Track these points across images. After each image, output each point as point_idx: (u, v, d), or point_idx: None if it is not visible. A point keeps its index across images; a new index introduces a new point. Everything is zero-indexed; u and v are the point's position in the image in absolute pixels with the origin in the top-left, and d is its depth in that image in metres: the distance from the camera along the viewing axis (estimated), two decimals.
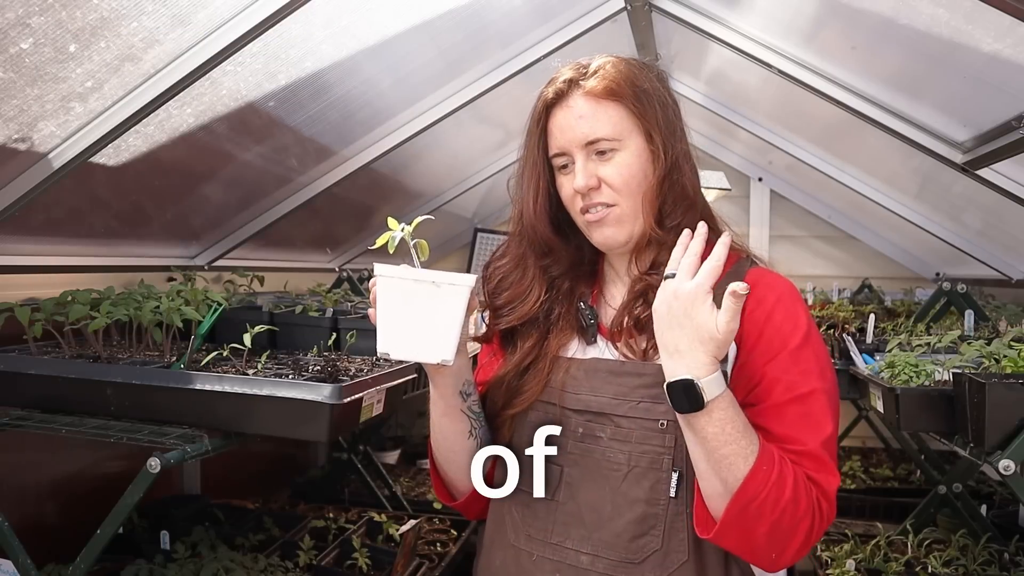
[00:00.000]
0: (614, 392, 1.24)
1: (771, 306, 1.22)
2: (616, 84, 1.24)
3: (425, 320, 1.13)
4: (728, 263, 1.30)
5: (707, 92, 3.36)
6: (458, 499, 1.41)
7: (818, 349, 1.22)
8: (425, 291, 1.12)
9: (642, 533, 1.20)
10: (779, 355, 1.19)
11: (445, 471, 1.39)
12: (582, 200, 1.27)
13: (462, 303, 1.13)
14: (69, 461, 2.33)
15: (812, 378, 1.18)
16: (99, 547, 1.52)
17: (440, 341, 1.13)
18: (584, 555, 1.23)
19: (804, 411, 1.16)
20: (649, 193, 1.25)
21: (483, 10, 2.22)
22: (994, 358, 1.73)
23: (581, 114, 1.24)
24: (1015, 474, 1.44)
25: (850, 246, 4.28)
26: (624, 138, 1.25)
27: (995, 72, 1.75)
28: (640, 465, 1.21)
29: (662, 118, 1.27)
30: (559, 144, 1.27)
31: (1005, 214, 2.62)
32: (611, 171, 1.25)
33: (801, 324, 1.22)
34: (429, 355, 1.14)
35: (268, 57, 1.89)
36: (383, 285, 1.13)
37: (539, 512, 1.28)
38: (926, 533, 2.56)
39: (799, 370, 1.18)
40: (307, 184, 2.68)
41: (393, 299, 1.13)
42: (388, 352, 1.14)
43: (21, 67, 1.49)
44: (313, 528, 2.77)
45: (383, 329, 1.14)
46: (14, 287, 1.95)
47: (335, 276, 3.44)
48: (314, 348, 2.06)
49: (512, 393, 1.32)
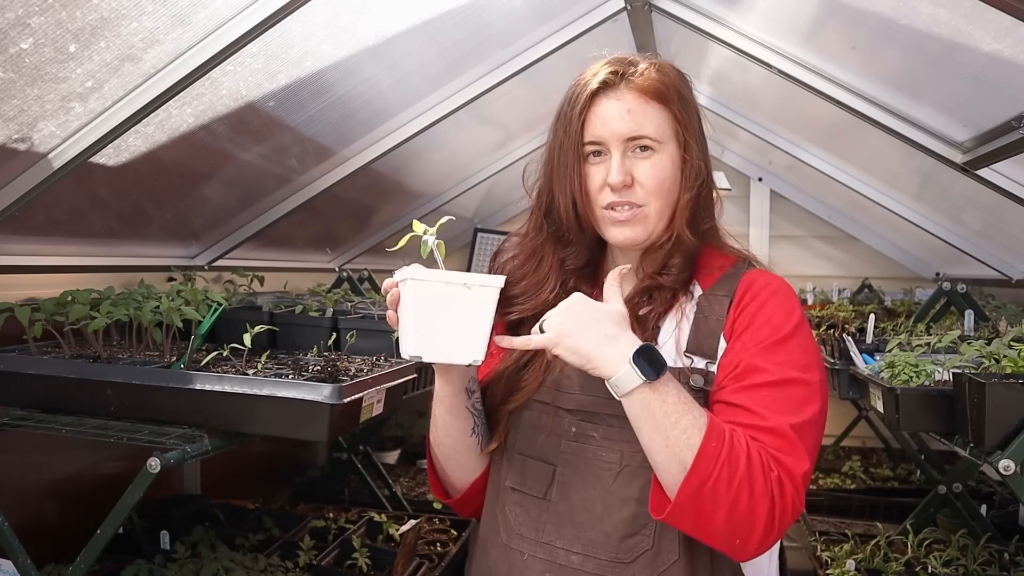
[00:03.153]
0: (606, 392, 1.24)
1: (764, 300, 1.23)
2: (665, 87, 1.25)
3: (457, 322, 1.13)
4: (725, 265, 1.31)
5: (707, 92, 3.37)
6: (453, 496, 1.41)
7: (806, 345, 1.22)
8: (455, 293, 1.12)
9: (633, 532, 1.20)
10: (764, 343, 1.19)
11: (444, 468, 1.39)
12: (611, 194, 1.26)
13: (492, 303, 1.14)
14: (69, 461, 2.33)
15: (792, 369, 1.17)
16: (99, 547, 1.52)
17: (472, 342, 1.14)
18: (575, 555, 1.23)
19: (778, 395, 1.15)
20: (676, 199, 1.27)
21: (483, 10, 2.22)
22: (994, 358, 1.73)
23: (630, 108, 1.24)
24: (1015, 474, 1.44)
25: (850, 246, 4.28)
26: (664, 141, 1.25)
27: (995, 72, 1.75)
28: (632, 464, 1.21)
29: (698, 129, 1.29)
30: (598, 133, 1.26)
31: (1005, 214, 2.62)
32: (646, 172, 1.25)
33: (792, 319, 1.22)
34: (462, 356, 1.15)
35: (268, 57, 1.89)
36: (412, 288, 1.12)
37: (531, 511, 1.28)
38: (926, 533, 2.56)
39: (781, 359, 1.18)
40: (307, 184, 2.68)
41: (423, 302, 1.12)
42: (420, 355, 1.14)
43: (21, 67, 1.49)
44: (313, 528, 2.77)
45: (414, 332, 1.13)
46: (14, 287, 1.95)
47: (335, 276, 3.44)
48: (314, 348, 2.06)
49: (511, 388, 1.33)
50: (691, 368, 1.22)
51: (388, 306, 1.20)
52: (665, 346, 1.25)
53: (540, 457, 1.28)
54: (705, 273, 1.31)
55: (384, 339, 2.10)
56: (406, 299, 1.13)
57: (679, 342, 1.25)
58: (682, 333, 1.26)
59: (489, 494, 1.38)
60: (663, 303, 1.28)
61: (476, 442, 1.33)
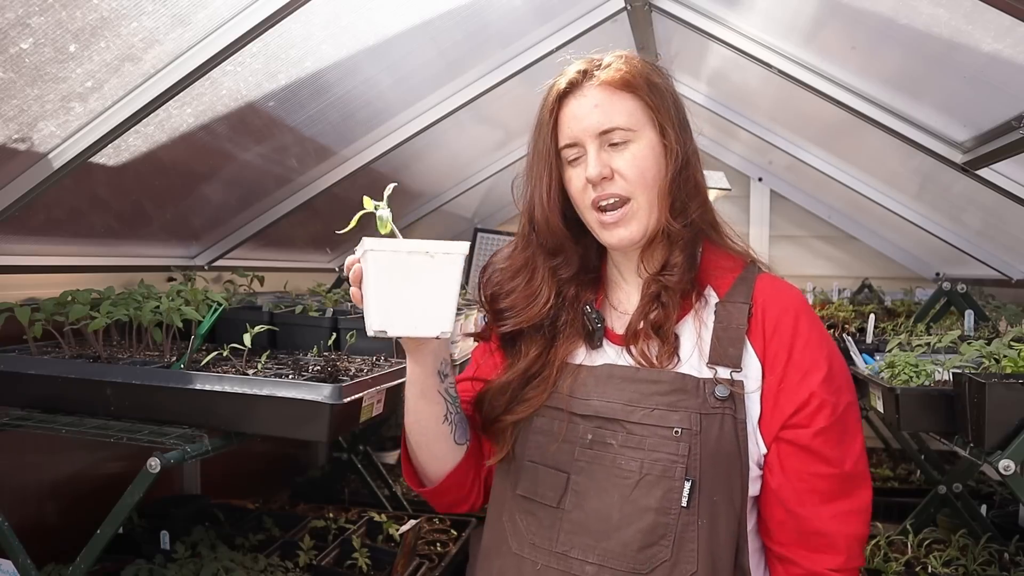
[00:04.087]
0: (628, 398, 1.22)
1: (793, 332, 1.24)
2: (631, 76, 1.23)
3: (421, 293, 1.08)
4: (736, 268, 1.29)
5: (707, 92, 3.37)
6: (427, 486, 1.36)
7: (840, 370, 1.27)
8: (418, 262, 1.08)
9: (651, 543, 1.17)
10: (815, 373, 1.23)
11: (416, 456, 1.34)
12: (593, 191, 1.24)
13: (457, 272, 1.10)
14: (69, 461, 2.33)
15: (845, 393, 1.24)
16: (99, 547, 1.52)
17: (438, 313, 1.10)
18: (590, 565, 1.20)
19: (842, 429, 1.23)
20: (663, 187, 1.24)
21: (483, 10, 2.22)
22: (994, 358, 1.73)
23: (596, 103, 1.23)
24: (1015, 474, 1.44)
25: (850, 246, 4.28)
26: (638, 130, 1.23)
27: (995, 72, 1.75)
28: (652, 473, 1.18)
29: (675, 113, 1.26)
30: (571, 134, 1.25)
31: (1005, 214, 2.62)
32: (625, 162, 1.23)
33: (824, 343, 1.27)
34: (428, 328, 1.10)
35: (268, 57, 1.89)
36: (373, 260, 1.08)
37: (544, 520, 1.25)
38: (926, 533, 2.56)
39: (835, 387, 1.23)
40: (307, 184, 2.69)
41: (385, 273, 1.08)
42: (385, 330, 1.09)
43: (21, 67, 1.49)
44: (313, 528, 2.77)
45: (377, 306, 1.09)
46: (14, 287, 1.95)
47: (335, 276, 3.44)
48: (314, 348, 2.06)
49: (515, 400, 1.29)
50: (716, 378, 1.20)
51: (351, 284, 1.16)
52: (690, 359, 1.23)
53: (553, 465, 1.25)
54: (717, 276, 1.29)
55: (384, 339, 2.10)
56: (368, 272, 1.10)
57: (703, 352, 1.23)
58: (703, 343, 1.24)
59: (494, 501, 1.36)
60: (674, 307, 1.25)
61: (449, 430, 1.29)
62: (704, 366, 1.22)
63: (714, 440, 1.18)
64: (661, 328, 1.24)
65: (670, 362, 1.22)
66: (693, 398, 1.19)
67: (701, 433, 1.18)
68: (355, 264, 1.15)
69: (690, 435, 1.17)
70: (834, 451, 1.20)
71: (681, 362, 1.23)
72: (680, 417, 1.17)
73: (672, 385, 1.19)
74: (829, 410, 1.20)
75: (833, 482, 1.20)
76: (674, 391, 1.19)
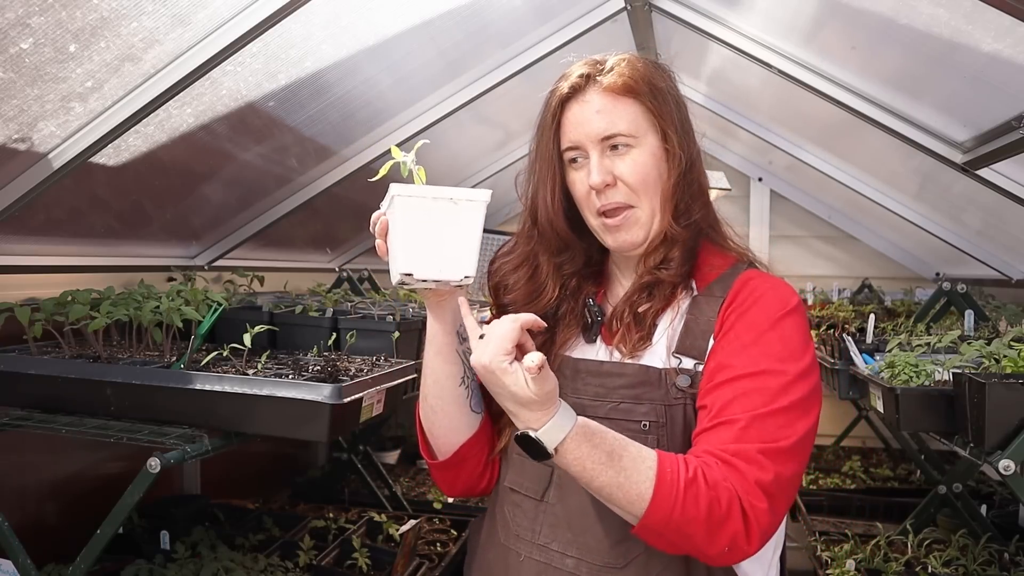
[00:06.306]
0: (594, 392, 1.22)
1: (751, 303, 1.20)
2: (634, 81, 1.23)
3: (445, 238, 1.11)
4: (724, 265, 1.30)
5: (707, 92, 3.37)
6: (438, 459, 1.35)
7: (787, 336, 1.17)
8: (442, 208, 1.11)
9: (625, 538, 1.17)
10: (739, 343, 1.17)
11: (433, 424, 1.33)
12: (597, 199, 1.25)
13: (479, 219, 1.13)
14: (69, 461, 2.33)
15: (766, 360, 1.14)
16: (99, 547, 1.52)
17: (462, 258, 1.12)
18: (569, 558, 1.22)
19: (742, 389, 1.12)
20: (667, 191, 1.25)
21: (483, 10, 2.22)
22: (994, 358, 1.73)
23: (598, 109, 1.23)
24: (1015, 474, 1.44)
25: (850, 246, 4.29)
26: (640, 135, 1.23)
27: (995, 72, 1.75)
28: None
29: (677, 117, 1.26)
30: (573, 139, 1.26)
31: (1005, 214, 2.62)
32: (627, 168, 1.23)
33: (771, 315, 1.18)
34: (452, 272, 1.12)
35: (268, 57, 1.89)
36: (400, 205, 1.11)
37: (528, 512, 1.27)
38: (926, 533, 2.56)
39: (753, 353, 1.15)
40: (307, 184, 2.69)
41: (412, 218, 1.11)
42: (412, 272, 1.11)
43: (21, 67, 1.49)
44: (313, 528, 2.77)
45: (404, 250, 1.12)
46: (14, 287, 1.95)
47: (335, 276, 3.44)
48: (314, 348, 2.06)
49: None
50: (678, 368, 1.20)
51: (378, 237, 1.18)
52: (657, 345, 1.24)
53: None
54: (703, 271, 1.30)
55: (384, 339, 2.10)
56: (395, 219, 1.12)
57: (671, 341, 1.24)
58: (675, 332, 1.24)
59: (492, 493, 1.38)
60: (662, 299, 1.26)
61: (465, 394, 1.29)
62: (669, 357, 1.22)
63: (680, 432, 1.19)
64: (642, 317, 1.25)
65: (643, 350, 1.22)
66: (656, 389, 1.20)
67: (668, 425, 1.19)
68: (380, 217, 1.17)
69: (658, 428, 1.18)
70: (719, 404, 1.12)
71: (652, 353, 1.23)
72: (646, 410, 1.18)
73: (636, 377, 1.20)
74: (724, 372, 1.14)
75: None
76: (639, 383, 1.19)
